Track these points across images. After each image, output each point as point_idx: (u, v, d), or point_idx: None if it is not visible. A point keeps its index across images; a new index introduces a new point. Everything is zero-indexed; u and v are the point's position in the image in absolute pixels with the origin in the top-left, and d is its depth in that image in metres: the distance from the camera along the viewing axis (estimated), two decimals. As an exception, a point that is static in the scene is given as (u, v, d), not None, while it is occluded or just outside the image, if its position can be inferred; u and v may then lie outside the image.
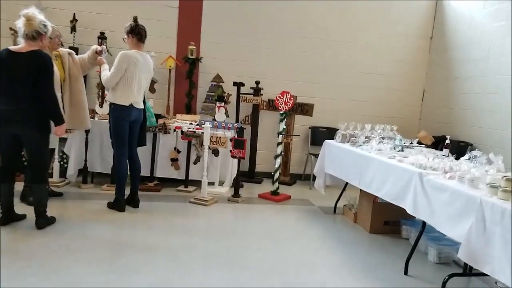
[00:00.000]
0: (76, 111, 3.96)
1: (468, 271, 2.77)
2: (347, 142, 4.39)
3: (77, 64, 4.02)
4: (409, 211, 2.84)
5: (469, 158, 3.18)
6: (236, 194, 4.76)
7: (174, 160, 4.87)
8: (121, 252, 2.99)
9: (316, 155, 5.68)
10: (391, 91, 6.37)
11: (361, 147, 3.96)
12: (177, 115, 5.42)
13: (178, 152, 4.89)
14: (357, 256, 3.30)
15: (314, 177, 4.78)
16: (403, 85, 6.41)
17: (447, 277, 2.66)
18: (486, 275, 2.80)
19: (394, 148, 3.92)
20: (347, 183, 4.24)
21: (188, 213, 4.09)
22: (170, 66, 5.59)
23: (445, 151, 3.48)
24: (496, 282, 2.66)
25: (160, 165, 4.86)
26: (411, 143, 4.20)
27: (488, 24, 5.12)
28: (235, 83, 5.60)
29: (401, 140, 4.23)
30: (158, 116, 5.01)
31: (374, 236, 3.85)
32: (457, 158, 3.24)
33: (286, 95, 4.88)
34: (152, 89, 5.49)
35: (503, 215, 2.00)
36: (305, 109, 5.67)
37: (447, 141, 3.52)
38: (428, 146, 4.35)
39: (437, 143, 5.75)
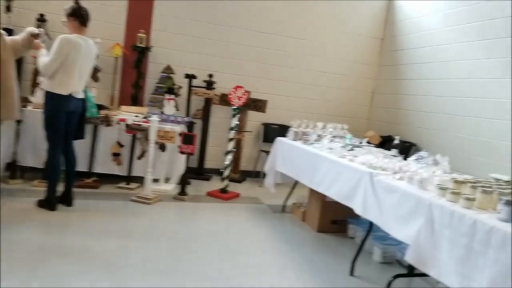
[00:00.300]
0: (3, 99, 3.52)
1: (412, 271, 2.75)
2: (299, 140, 4.30)
3: (8, 47, 3.57)
4: (357, 212, 2.78)
5: (417, 159, 3.19)
6: (182, 192, 4.52)
7: (116, 155, 4.53)
8: (48, 257, 2.66)
9: (268, 152, 5.56)
10: (342, 90, 6.41)
11: (313, 145, 3.88)
12: (122, 106, 5.07)
13: (121, 146, 4.56)
14: (304, 257, 3.21)
15: (265, 175, 4.66)
16: (354, 84, 6.47)
17: (391, 278, 2.63)
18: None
19: (344, 147, 3.88)
20: (297, 181, 4.15)
21: (129, 213, 3.80)
22: (116, 54, 5.21)
23: (394, 151, 3.48)
24: (437, 282, 2.67)
25: (100, 160, 4.50)
26: (361, 143, 4.19)
27: (435, 28, 5.26)
28: (187, 75, 5.34)
29: (351, 139, 4.21)
30: (100, 107, 4.64)
31: (321, 236, 3.79)
32: (404, 159, 3.24)
33: (239, 90, 4.71)
34: (95, 78, 5.08)
35: (452, 218, 1.96)
36: (259, 105, 5.54)
37: (396, 141, 3.53)
38: (375, 146, 4.37)
39: (384, 143, 5.86)
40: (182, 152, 4.48)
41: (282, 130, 6.01)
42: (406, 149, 5.38)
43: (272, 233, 3.71)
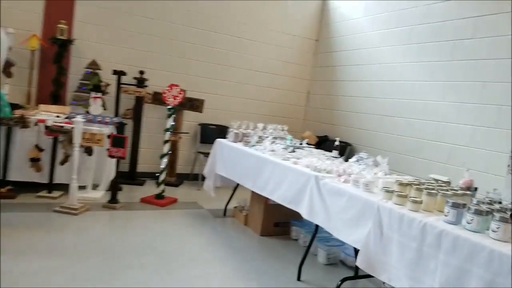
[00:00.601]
0: None
1: (358, 273, 2.77)
2: (240, 141, 4.19)
3: None
4: (305, 216, 2.73)
5: (357, 160, 3.24)
6: (113, 199, 4.17)
7: (34, 160, 4.03)
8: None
9: (206, 154, 5.39)
10: (279, 90, 6.42)
11: (255, 147, 3.78)
12: (41, 105, 4.55)
13: (41, 150, 4.07)
14: (250, 264, 3.10)
15: (203, 177, 4.48)
16: (290, 85, 6.52)
17: (340, 282, 2.62)
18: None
19: (286, 148, 3.84)
20: (238, 184, 4.03)
21: (52, 226, 3.39)
22: (33, 47, 4.66)
23: (335, 153, 3.51)
24: (384, 283, 2.71)
25: (15, 166, 3.98)
26: (301, 144, 4.19)
27: (369, 30, 5.46)
28: (115, 72, 4.94)
29: (291, 140, 4.20)
30: (14, 106, 4.11)
31: (265, 240, 3.71)
32: (346, 160, 3.27)
33: (174, 88, 4.46)
34: (8, 73, 4.51)
35: (401, 222, 1.97)
36: (195, 104, 5.31)
37: (337, 143, 3.55)
38: (312, 146, 4.41)
39: (320, 143, 5.99)
40: (111, 156, 4.12)
41: (220, 131, 5.87)
42: (342, 149, 5.53)
43: (215, 240, 3.55)
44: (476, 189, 2.34)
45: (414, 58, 4.64)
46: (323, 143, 5.97)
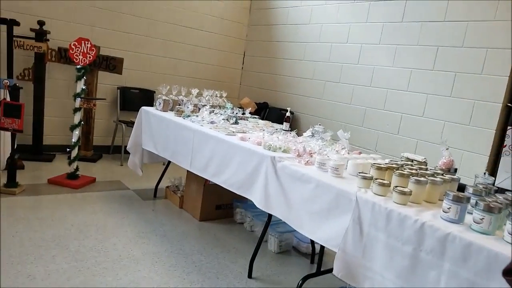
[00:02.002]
0: None
1: (320, 269, 2.44)
2: (171, 110, 3.57)
3: None
4: (259, 205, 2.28)
5: (312, 135, 2.85)
6: (10, 182, 3.35)
7: None
8: None
9: (128, 123, 4.67)
10: (213, 51, 5.77)
11: (190, 118, 3.20)
12: None
13: None
14: (190, 259, 2.62)
15: (126, 151, 3.81)
16: (225, 45, 5.89)
17: (301, 282, 2.27)
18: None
19: (227, 119, 3.33)
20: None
21: None
22: None
23: (285, 125, 3.08)
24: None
25: None
26: (243, 113, 3.69)
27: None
28: (3, 20, 3.91)
29: (232, 109, 3.68)
30: None
31: (205, 226, 3.24)
32: (300, 134, 2.86)
33: (85, 44, 3.62)
34: None
35: (389, 219, 1.61)
36: (112, 64, 4.49)
37: (288, 114, 3.11)
38: (256, 116, 3.95)
39: (260, 110, 5.55)
40: (3, 129, 3.28)
41: (145, 96, 5.13)
42: (283, 117, 5.15)
43: (146, 229, 2.98)
44: (456, 170, 2.07)
45: (362, 18, 4.30)
46: (262, 110, 5.55)
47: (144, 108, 3.62)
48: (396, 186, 1.70)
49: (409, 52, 3.83)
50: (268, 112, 5.47)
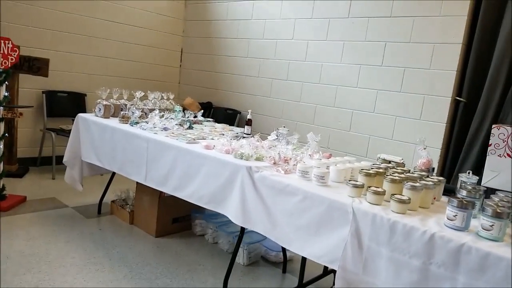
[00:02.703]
0: None
1: (302, 282, 2.30)
2: (113, 116, 3.19)
3: None
4: (236, 221, 2.07)
5: (277, 138, 2.70)
6: None
7: None
8: None
9: (57, 131, 4.16)
10: (147, 48, 5.35)
11: (140, 125, 2.87)
12: None
13: None
14: (154, 283, 2.33)
15: (58, 161, 3.34)
16: (161, 42, 5.51)
17: (284, 297, 2.10)
18: (320, 278, 2.46)
19: (181, 124, 3.04)
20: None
21: None
22: None
23: (247, 129, 2.88)
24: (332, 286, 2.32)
25: None
26: (195, 117, 3.43)
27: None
28: None
29: (184, 112, 3.40)
30: None
31: (163, 242, 2.94)
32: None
33: (5, 44, 3.08)
34: None
35: (392, 232, 1.50)
36: (36, 65, 3.93)
37: (248, 116, 2.91)
38: (211, 119, 3.70)
39: (204, 111, 5.28)
40: None
41: (75, 100, 4.61)
42: (230, 117, 4.96)
43: (97, 253, 2.61)
44: (434, 169, 2.05)
45: (307, 13, 4.23)
46: (207, 111, 5.28)
47: (81, 115, 3.19)
48: (393, 194, 1.60)
49: (357, 48, 3.84)
50: (213, 112, 5.23)
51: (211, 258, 2.75)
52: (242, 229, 2.23)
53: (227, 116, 5.01)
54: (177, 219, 3.11)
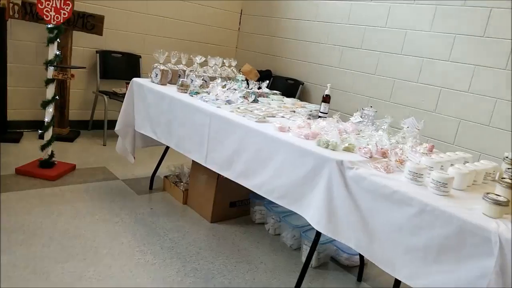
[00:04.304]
0: None
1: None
2: (170, 83, 2.83)
3: None
4: (317, 226, 1.65)
5: (361, 121, 2.21)
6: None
7: None
8: None
9: (110, 94, 3.90)
10: (204, 8, 4.89)
11: (201, 96, 2.47)
12: None
13: None
14: (211, 283, 2.00)
15: (110, 126, 3.07)
16: (218, 2, 5.01)
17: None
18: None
19: (246, 97, 2.62)
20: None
21: None
22: None
23: (324, 107, 2.39)
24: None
25: None
26: (259, 88, 2.98)
27: None
28: None
29: (245, 82, 2.96)
30: None
31: (219, 230, 2.61)
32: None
33: (56, -4, 2.76)
34: None
35: None
36: (90, 22, 3.62)
37: (327, 92, 2.41)
38: (278, 92, 3.24)
39: (262, 79, 4.81)
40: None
41: (129, 62, 4.31)
42: (291, 88, 4.46)
43: (148, 239, 2.32)
44: None
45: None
46: (265, 80, 4.81)
47: (136, 80, 2.85)
48: None
49: (452, 14, 3.16)
50: (272, 81, 4.75)
51: (273, 254, 2.39)
52: (318, 233, 1.81)
53: (288, 86, 4.52)
54: (234, 203, 2.76)
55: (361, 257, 2.25)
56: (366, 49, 3.79)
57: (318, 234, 1.85)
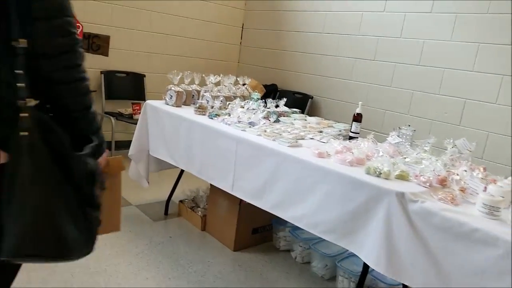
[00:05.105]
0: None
1: None
2: (185, 105, 2.62)
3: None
4: (377, 267, 1.44)
5: (399, 141, 2.02)
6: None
7: None
8: None
9: (117, 116, 3.68)
10: (207, 24, 4.70)
11: (223, 119, 2.27)
12: None
13: None
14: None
15: (117, 147, 2.85)
16: (220, 17, 4.83)
17: None
18: None
19: (268, 117, 2.42)
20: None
21: None
22: None
23: (356, 127, 2.19)
24: None
25: None
26: (277, 106, 2.78)
27: None
28: None
29: (262, 100, 2.76)
30: None
31: (244, 259, 2.39)
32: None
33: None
34: None
35: None
36: (96, 43, 3.42)
37: (358, 110, 2.20)
38: (297, 110, 3.05)
39: (268, 94, 4.62)
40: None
41: (134, 82, 4.09)
42: (300, 103, 4.25)
43: (172, 272, 2.09)
44: None
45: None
46: (271, 94, 4.62)
47: (149, 103, 2.64)
48: None
49: (474, 22, 3.01)
50: (279, 96, 4.55)
51: (305, 285, 2.17)
52: (366, 266, 1.61)
53: (296, 100, 4.33)
54: (257, 229, 2.53)
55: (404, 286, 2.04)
56: (380, 60, 3.62)
57: (366, 268, 1.64)
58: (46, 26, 0.82)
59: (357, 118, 2.17)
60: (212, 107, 2.47)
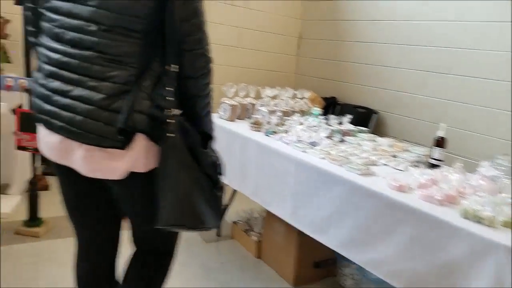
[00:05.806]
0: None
1: None
2: (239, 119, 2.43)
3: None
4: None
5: (494, 173, 1.64)
6: (33, 217, 2.32)
7: None
8: None
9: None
10: (260, 33, 4.50)
11: (280, 137, 2.03)
12: None
13: None
14: None
15: None
16: (276, 26, 4.61)
17: None
18: None
19: (331, 137, 2.14)
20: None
21: None
22: None
23: (438, 153, 1.83)
24: None
25: None
26: (340, 123, 2.48)
27: None
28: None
29: (323, 117, 2.49)
30: None
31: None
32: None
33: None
34: None
35: None
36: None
37: (440, 134, 1.85)
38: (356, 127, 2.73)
39: (328, 107, 4.32)
40: (22, 148, 2.23)
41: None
42: (363, 118, 3.89)
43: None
44: None
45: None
46: (330, 108, 4.31)
47: (204, 117, 2.46)
48: None
49: None
50: (339, 110, 4.22)
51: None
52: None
53: (358, 115, 3.93)
54: (318, 263, 2.25)
55: None
56: (456, 74, 3.20)
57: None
58: (192, 55, 1.06)
59: (441, 143, 1.83)
60: (269, 122, 2.25)
